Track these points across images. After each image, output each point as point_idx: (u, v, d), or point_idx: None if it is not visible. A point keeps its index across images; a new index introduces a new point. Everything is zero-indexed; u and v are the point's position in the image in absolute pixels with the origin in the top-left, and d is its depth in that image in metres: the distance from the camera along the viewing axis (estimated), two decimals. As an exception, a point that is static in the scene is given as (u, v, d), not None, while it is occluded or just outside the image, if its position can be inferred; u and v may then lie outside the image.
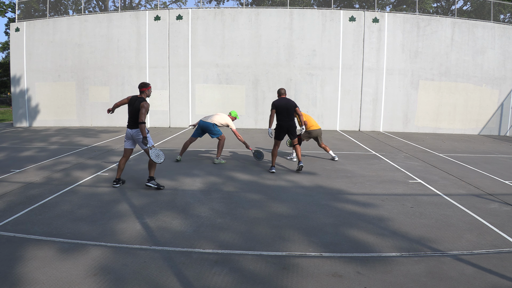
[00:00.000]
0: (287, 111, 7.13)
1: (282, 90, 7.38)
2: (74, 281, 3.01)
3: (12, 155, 8.98)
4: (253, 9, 15.97)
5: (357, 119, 15.87)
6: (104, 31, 16.17)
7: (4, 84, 36.35)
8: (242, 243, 3.84)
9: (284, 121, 7.16)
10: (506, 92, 15.74)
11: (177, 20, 15.86)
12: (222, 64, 15.85)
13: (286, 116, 7.15)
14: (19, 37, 16.55)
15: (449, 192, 5.94)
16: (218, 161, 8.07)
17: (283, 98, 7.23)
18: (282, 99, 7.20)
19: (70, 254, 3.51)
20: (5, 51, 37.37)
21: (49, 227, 4.20)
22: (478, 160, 8.90)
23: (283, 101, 7.18)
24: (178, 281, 3.06)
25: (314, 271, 3.25)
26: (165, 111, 16.18)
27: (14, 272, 3.14)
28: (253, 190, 5.91)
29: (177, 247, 3.71)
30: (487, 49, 15.55)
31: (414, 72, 15.62)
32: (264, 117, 15.93)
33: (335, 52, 15.63)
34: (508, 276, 3.17)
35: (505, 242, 3.94)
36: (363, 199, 5.48)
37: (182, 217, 4.61)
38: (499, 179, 6.95)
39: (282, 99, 7.21)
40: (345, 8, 22.85)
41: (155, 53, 16.00)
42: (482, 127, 15.93)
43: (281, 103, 7.15)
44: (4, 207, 4.87)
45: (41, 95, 16.69)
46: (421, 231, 4.24)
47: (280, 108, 7.12)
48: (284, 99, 7.21)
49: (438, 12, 25.79)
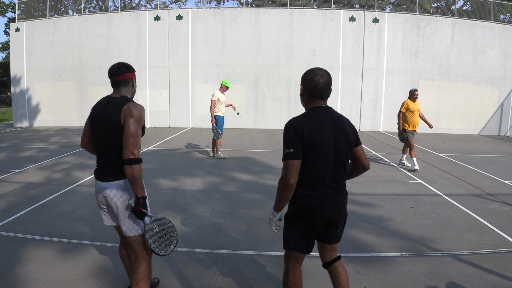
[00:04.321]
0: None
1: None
2: (74, 281, 3.01)
3: (12, 155, 8.97)
4: (253, 9, 15.97)
5: (357, 119, 15.87)
6: (104, 31, 16.17)
7: (4, 84, 36.35)
8: (242, 243, 3.84)
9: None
10: (506, 92, 15.73)
11: (177, 20, 15.86)
12: (222, 64, 15.85)
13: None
14: (19, 37, 16.54)
15: (449, 192, 5.93)
16: (218, 155, 8.21)
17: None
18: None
19: (70, 254, 3.51)
20: (5, 51, 37.37)
21: (49, 227, 4.20)
22: (478, 160, 8.90)
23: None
24: (178, 281, 3.06)
25: (314, 271, 3.25)
26: (165, 111, 16.17)
27: (14, 272, 3.14)
28: (253, 190, 5.91)
29: (177, 247, 3.71)
30: (487, 49, 15.55)
31: (414, 72, 15.61)
32: (264, 117, 15.92)
33: (335, 52, 15.63)
34: (508, 276, 3.17)
35: (505, 242, 3.94)
36: (363, 199, 5.48)
37: (182, 217, 4.61)
38: (499, 179, 6.95)
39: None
40: (345, 8, 22.85)
41: (155, 53, 15.99)
42: (482, 127, 15.92)
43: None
44: (4, 207, 4.87)
45: (41, 95, 16.68)
46: (421, 231, 4.24)
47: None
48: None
49: (438, 12, 25.79)
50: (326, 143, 2.07)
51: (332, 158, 2.11)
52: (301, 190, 2.13)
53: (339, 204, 2.20)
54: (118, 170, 2.37)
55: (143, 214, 2.29)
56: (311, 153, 2.06)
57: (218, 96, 8.20)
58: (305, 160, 2.07)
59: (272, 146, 10.69)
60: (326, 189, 2.13)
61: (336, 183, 2.16)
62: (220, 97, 8.20)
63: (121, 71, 2.44)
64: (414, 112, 7.68)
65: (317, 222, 2.16)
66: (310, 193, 2.11)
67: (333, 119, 2.15)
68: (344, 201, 2.25)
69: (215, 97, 8.16)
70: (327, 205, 2.14)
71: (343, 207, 2.25)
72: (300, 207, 2.16)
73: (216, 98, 8.17)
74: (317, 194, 2.12)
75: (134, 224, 2.39)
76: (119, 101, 2.36)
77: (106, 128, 2.34)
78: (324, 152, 2.07)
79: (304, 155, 2.07)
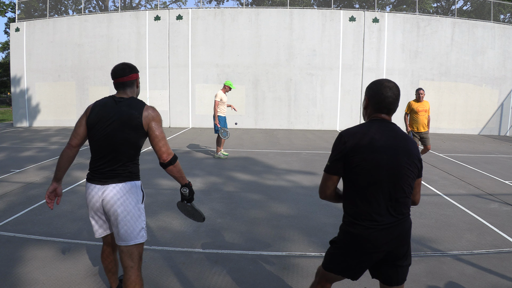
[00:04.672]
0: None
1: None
2: (74, 281, 3.01)
3: (12, 155, 8.97)
4: (253, 9, 15.97)
5: (357, 119, 15.86)
6: (104, 31, 16.17)
7: (4, 84, 36.33)
8: (242, 243, 3.84)
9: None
10: (506, 92, 15.74)
11: (177, 20, 15.86)
12: (222, 64, 15.85)
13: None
14: (19, 37, 16.54)
15: (449, 192, 5.93)
16: (218, 155, 8.34)
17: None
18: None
19: (70, 254, 3.51)
20: (5, 51, 37.37)
21: (49, 227, 4.20)
22: (478, 160, 8.90)
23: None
24: (178, 281, 3.06)
25: (314, 271, 3.24)
26: (165, 111, 16.17)
27: (14, 272, 3.14)
28: (253, 190, 5.91)
29: (177, 247, 3.71)
30: (487, 49, 15.55)
31: (414, 72, 15.62)
32: (264, 117, 15.93)
33: (335, 52, 15.63)
34: (508, 276, 3.17)
35: (505, 242, 3.94)
36: (363, 199, 5.47)
37: (182, 217, 4.61)
38: (499, 179, 6.95)
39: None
40: (345, 8, 22.85)
41: (155, 53, 15.99)
42: (482, 127, 15.92)
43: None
44: (4, 207, 4.87)
45: (41, 95, 16.68)
46: (421, 231, 4.24)
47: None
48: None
49: (438, 12, 25.79)
50: (384, 164, 1.77)
51: (391, 181, 1.79)
52: (351, 217, 1.86)
53: (398, 235, 1.83)
54: (121, 172, 2.28)
55: (193, 194, 2.42)
56: (363, 173, 1.79)
57: (221, 96, 8.24)
58: (356, 181, 1.81)
59: (272, 146, 10.70)
60: (382, 217, 1.80)
61: (395, 211, 1.82)
62: (223, 98, 8.25)
63: (126, 72, 2.38)
64: (418, 112, 7.31)
65: (371, 255, 1.84)
66: (362, 222, 1.82)
67: (397, 136, 1.84)
68: (406, 232, 1.87)
69: (218, 98, 8.21)
70: (383, 236, 1.80)
71: (404, 239, 1.86)
72: (350, 236, 1.86)
73: (219, 98, 8.22)
74: (371, 223, 1.81)
75: (132, 231, 2.26)
76: (134, 102, 2.33)
77: (119, 127, 2.25)
78: (380, 173, 1.77)
79: (354, 174, 1.81)
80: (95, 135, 2.32)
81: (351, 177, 1.84)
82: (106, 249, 2.56)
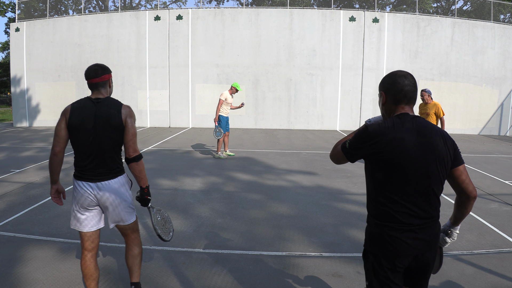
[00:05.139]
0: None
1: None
2: (74, 281, 3.01)
3: (12, 155, 8.98)
4: (253, 9, 15.97)
5: (357, 119, 15.87)
6: (104, 31, 16.17)
7: (4, 84, 36.34)
8: (242, 243, 3.84)
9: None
10: (506, 92, 15.74)
11: (177, 20, 15.86)
12: (222, 64, 15.85)
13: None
14: (19, 37, 16.54)
15: (449, 192, 5.91)
16: (218, 155, 8.42)
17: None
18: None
19: (70, 254, 3.51)
20: (5, 51, 37.37)
21: (49, 227, 4.20)
22: (478, 160, 8.90)
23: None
24: (178, 281, 3.06)
25: (314, 271, 3.25)
26: (165, 111, 16.18)
27: (14, 272, 3.14)
28: (253, 190, 5.91)
29: (177, 247, 3.71)
30: (487, 49, 15.55)
31: (414, 72, 15.59)
32: (264, 117, 15.92)
33: (335, 52, 15.62)
34: (508, 276, 3.17)
35: (505, 242, 3.94)
36: (363, 199, 5.48)
37: (182, 217, 4.61)
38: (499, 179, 6.95)
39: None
40: (345, 8, 22.85)
41: (155, 53, 15.99)
42: (482, 127, 15.92)
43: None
44: (4, 207, 4.87)
45: (41, 95, 16.68)
46: (421, 231, 4.24)
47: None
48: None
49: (438, 12, 25.79)
50: (408, 161, 1.66)
51: (418, 180, 1.68)
52: (375, 219, 1.76)
53: (426, 239, 1.72)
54: (115, 168, 2.47)
55: (148, 201, 2.57)
56: (387, 170, 1.69)
57: (226, 96, 8.27)
58: (379, 179, 1.72)
59: (272, 146, 10.70)
60: (407, 218, 1.68)
61: (423, 212, 1.70)
62: (228, 98, 8.27)
63: (98, 73, 2.46)
64: (422, 115, 6.98)
65: (397, 261, 1.71)
66: (386, 223, 1.70)
67: (422, 131, 1.70)
68: (435, 237, 1.77)
69: (223, 97, 8.24)
70: (410, 239, 1.68)
71: (433, 244, 1.76)
72: (375, 239, 1.76)
73: (224, 98, 8.25)
74: (396, 224, 1.69)
75: (131, 212, 2.58)
76: (112, 102, 2.46)
77: (103, 126, 2.38)
78: (404, 172, 1.66)
79: (376, 172, 1.73)
80: (79, 137, 2.41)
81: (375, 175, 1.75)
82: (87, 254, 2.51)
